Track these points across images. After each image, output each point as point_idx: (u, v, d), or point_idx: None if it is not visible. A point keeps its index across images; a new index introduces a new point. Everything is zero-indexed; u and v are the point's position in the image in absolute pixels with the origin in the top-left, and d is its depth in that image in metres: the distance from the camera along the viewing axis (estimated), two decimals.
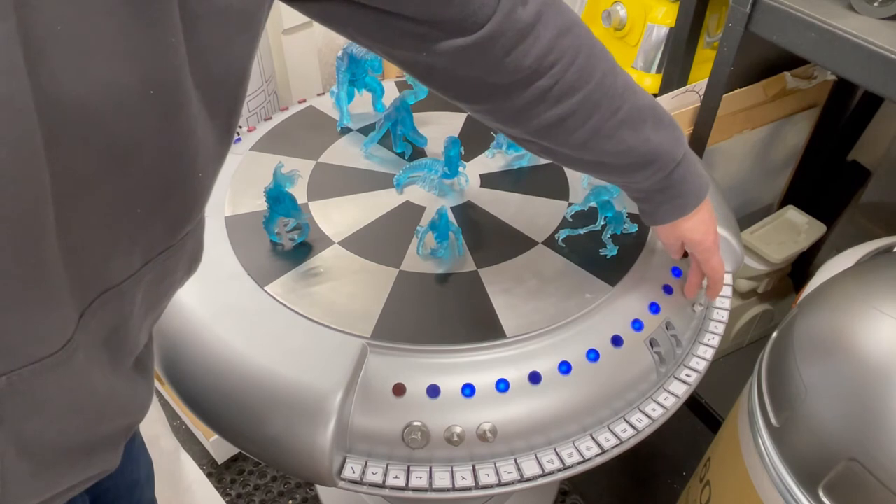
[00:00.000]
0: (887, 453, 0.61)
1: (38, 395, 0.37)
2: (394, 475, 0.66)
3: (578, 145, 0.60)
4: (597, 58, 0.57)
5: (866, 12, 0.85)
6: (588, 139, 0.59)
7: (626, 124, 0.60)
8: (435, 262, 0.79)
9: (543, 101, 0.56)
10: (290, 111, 1.03)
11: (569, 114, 0.57)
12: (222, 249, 0.79)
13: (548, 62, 0.55)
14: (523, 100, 0.56)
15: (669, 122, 0.64)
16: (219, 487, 1.30)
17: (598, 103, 0.58)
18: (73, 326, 0.37)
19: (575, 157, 0.62)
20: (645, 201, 0.70)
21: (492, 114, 0.60)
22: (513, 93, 0.56)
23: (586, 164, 0.64)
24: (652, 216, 0.71)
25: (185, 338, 0.72)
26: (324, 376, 0.65)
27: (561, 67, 0.55)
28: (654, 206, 0.69)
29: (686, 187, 0.67)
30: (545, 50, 0.54)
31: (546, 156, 0.64)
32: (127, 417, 0.48)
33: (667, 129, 0.63)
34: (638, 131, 0.61)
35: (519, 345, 0.70)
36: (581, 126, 0.58)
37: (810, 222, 1.26)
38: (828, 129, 1.32)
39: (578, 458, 0.68)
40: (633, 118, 0.60)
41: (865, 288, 0.73)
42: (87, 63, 0.30)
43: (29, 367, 0.35)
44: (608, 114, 0.59)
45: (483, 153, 0.95)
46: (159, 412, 1.25)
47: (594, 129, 0.59)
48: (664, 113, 0.64)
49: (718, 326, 0.80)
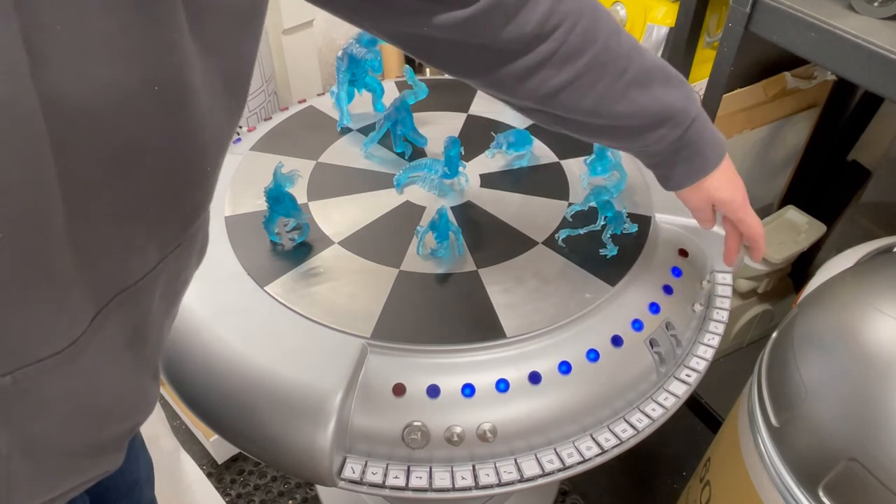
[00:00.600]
0: (887, 453, 0.61)
1: (44, 396, 0.37)
2: (394, 475, 0.66)
3: (589, 111, 0.59)
4: (600, 20, 0.57)
5: (866, 12, 0.85)
6: (598, 103, 0.58)
7: (636, 84, 0.59)
8: (435, 262, 0.79)
9: (549, 65, 0.56)
10: (290, 111, 1.03)
11: (576, 77, 0.57)
12: (222, 249, 0.79)
13: (550, 26, 0.54)
14: (529, 66, 0.56)
15: (679, 80, 0.62)
16: (219, 487, 1.29)
17: (605, 65, 0.57)
18: (83, 327, 0.37)
19: (587, 123, 0.61)
20: (662, 166, 0.67)
21: (499, 86, 0.59)
22: (518, 60, 0.55)
23: (600, 130, 0.63)
24: (672, 181, 0.68)
25: (185, 338, 0.72)
26: (324, 376, 0.65)
27: (564, 30, 0.55)
28: (672, 170, 0.66)
29: (704, 145, 0.64)
30: (546, 14, 0.54)
31: (558, 126, 0.63)
32: (134, 418, 0.48)
33: (677, 88, 0.62)
34: (648, 91, 0.59)
35: (519, 345, 0.70)
36: (590, 90, 0.57)
37: (810, 222, 1.26)
38: (828, 129, 1.32)
39: (578, 458, 0.68)
40: (642, 78, 0.59)
41: (865, 288, 0.73)
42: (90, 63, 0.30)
43: (33, 366, 0.35)
44: (616, 75, 0.58)
45: (483, 153, 0.95)
46: (159, 412, 1.25)
47: (603, 92, 0.58)
48: (673, 71, 0.62)
49: (718, 326, 0.80)
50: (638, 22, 1.26)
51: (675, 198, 0.71)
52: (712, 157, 0.65)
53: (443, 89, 1.07)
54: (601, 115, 0.60)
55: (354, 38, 0.94)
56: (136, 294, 0.40)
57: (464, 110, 1.04)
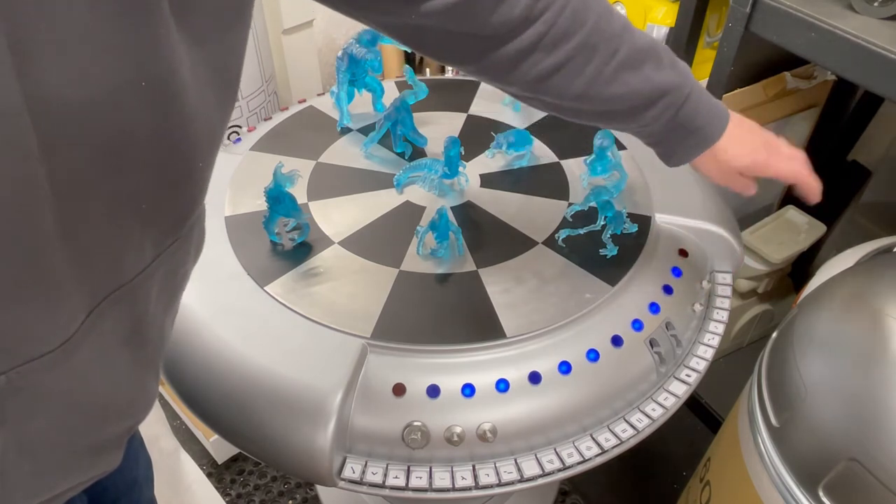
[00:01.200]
0: (887, 453, 0.61)
1: (39, 395, 0.37)
2: (394, 475, 0.66)
3: (580, 95, 0.59)
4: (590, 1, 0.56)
5: (866, 12, 0.85)
6: (589, 86, 0.58)
7: (627, 66, 0.58)
8: (435, 262, 0.79)
9: (539, 49, 0.55)
10: (290, 111, 1.03)
11: (566, 60, 0.56)
12: (222, 249, 0.79)
13: (538, 9, 0.54)
14: (518, 50, 0.55)
15: (672, 60, 0.62)
16: (219, 487, 1.29)
17: (596, 47, 0.57)
18: (77, 325, 0.37)
19: (579, 108, 0.61)
20: (662, 144, 0.66)
21: (490, 71, 0.58)
22: (507, 44, 0.55)
23: (594, 115, 0.62)
24: (674, 157, 0.67)
25: (185, 338, 0.72)
26: (324, 376, 0.65)
27: (553, 13, 0.54)
28: (672, 147, 0.66)
29: (701, 120, 0.63)
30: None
31: (552, 112, 0.63)
32: (133, 417, 0.48)
33: (670, 67, 0.61)
34: (639, 72, 0.59)
35: (519, 345, 0.70)
36: (580, 72, 0.57)
37: (810, 222, 1.26)
38: (828, 129, 1.32)
39: (578, 458, 0.68)
40: (633, 59, 0.58)
41: (865, 288, 0.73)
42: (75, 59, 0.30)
43: (27, 365, 0.35)
44: (607, 57, 0.57)
45: (483, 153, 0.95)
46: (159, 412, 1.25)
47: (594, 75, 0.57)
48: (665, 51, 0.61)
49: (718, 326, 0.80)
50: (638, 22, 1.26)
51: (675, 198, 0.71)
52: (712, 129, 0.64)
53: (443, 89, 1.07)
54: (594, 99, 0.59)
55: (354, 38, 0.94)
56: (132, 291, 0.40)
57: (464, 110, 1.04)
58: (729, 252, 0.85)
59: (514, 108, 1.04)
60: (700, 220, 0.84)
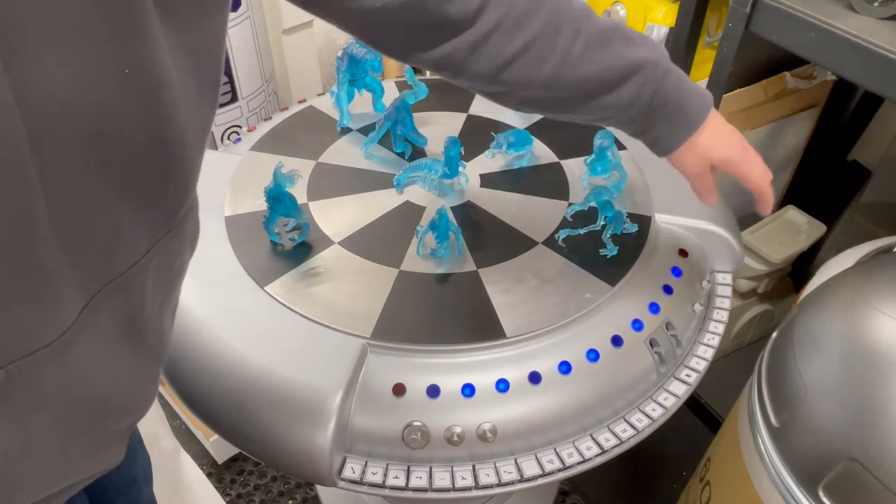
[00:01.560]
0: (887, 453, 0.61)
1: (38, 390, 0.37)
2: (394, 475, 0.66)
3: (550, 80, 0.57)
4: None
5: (866, 12, 0.85)
6: (558, 68, 0.57)
7: (594, 44, 0.57)
8: (435, 262, 0.79)
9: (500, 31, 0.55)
10: (290, 111, 1.03)
11: (531, 42, 0.55)
12: (222, 249, 0.79)
13: None
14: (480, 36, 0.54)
15: (641, 38, 0.60)
16: (219, 487, 1.30)
17: (558, 26, 0.56)
18: (72, 318, 0.37)
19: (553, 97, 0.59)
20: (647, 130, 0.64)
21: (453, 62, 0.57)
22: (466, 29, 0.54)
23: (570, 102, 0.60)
24: (660, 143, 0.65)
25: (185, 338, 0.72)
26: (323, 376, 0.65)
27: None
28: (657, 131, 0.63)
29: (684, 99, 0.61)
30: None
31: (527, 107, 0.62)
32: (134, 413, 0.48)
33: (640, 44, 0.60)
34: (609, 49, 0.58)
35: (519, 345, 0.70)
36: (548, 54, 0.56)
37: (810, 222, 1.26)
38: (828, 129, 1.32)
39: (578, 458, 0.68)
40: (600, 38, 0.57)
41: (865, 288, 0.73)
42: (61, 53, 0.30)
43: (24, 360, 0.35)
44: (571, 36, 0.56)
45: (483, 153, 0.95)
46: (159, 412, 1.25)
47: (562, 56, 0.56)
48: (633, 32, 0.60)
49: (718, 326, 0.80)
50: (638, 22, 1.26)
51: (675, 198, 0.71)
52: (696, 111, 0.63)
53: (443, 89, 1.07)
54: (564, 83, 0.58)
55: (354, 39, 0.94)
56: (127, 283, 0.40)
57: (464, 110, 1.04)
58: (729, 252, 0.85)
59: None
60: (700, 220, 0.84)
